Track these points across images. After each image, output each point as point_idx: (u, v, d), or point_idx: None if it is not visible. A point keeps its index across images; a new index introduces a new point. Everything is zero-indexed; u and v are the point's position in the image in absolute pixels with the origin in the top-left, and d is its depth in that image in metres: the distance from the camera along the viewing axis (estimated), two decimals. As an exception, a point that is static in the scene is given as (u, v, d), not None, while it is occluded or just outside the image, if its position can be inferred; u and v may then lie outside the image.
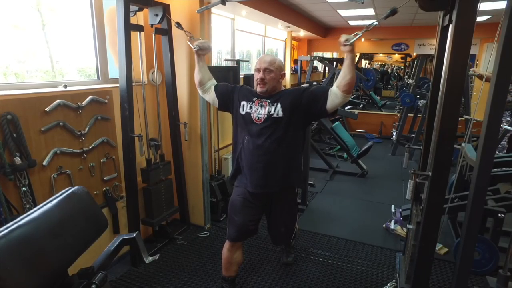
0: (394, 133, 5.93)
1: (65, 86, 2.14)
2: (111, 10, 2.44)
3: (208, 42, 2.02)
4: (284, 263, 2.56)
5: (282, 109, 1.84)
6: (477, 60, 6.57)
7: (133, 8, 2.43)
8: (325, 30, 7.29)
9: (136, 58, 2.51)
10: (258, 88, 1.88)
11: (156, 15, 2.56)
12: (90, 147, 2.27)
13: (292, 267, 2.54)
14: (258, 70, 1.87)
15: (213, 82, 2.09)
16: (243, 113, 1.91)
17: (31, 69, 2.24)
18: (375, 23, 1.65)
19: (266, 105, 1.87)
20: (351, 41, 1.61)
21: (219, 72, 3.00)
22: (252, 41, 5.86)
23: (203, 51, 2.00)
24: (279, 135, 1.84)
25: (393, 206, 3.35)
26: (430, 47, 6.89)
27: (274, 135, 1.84)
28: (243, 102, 1.93)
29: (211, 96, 2.06)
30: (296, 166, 1.98)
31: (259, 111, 1.87)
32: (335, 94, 1.75)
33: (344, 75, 1.70)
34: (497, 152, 3.66)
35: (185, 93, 2.88)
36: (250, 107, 1.90)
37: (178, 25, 2.23)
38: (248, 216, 2.00)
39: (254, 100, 1.91)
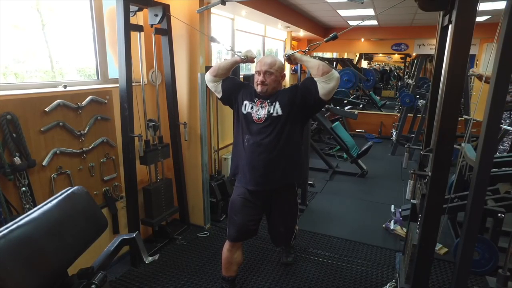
0: (394, 133, 5.93)
1: (65, 86, 2.14)
2: (110, 10, 2.44)
3: (252, 52, 2.09)
4: (284, 263, 2.56)
5: (281, 107, 1.87)
6: (477, 60, 6.57)
7: (133, 8, 2.43)
8: (325, 30, 7.29)
9: (136, 58, 2.51)
10: (258, 89, 1.91)
11: (156, 15, 2.56)
12: (90, 147, 2.27)
13: (292, 267, 2.54)
14: (258, 72, 1.90)
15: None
16: (245, 112, 1.94)
17: (30, 69, 2.24)
18: (317, 44, 2.07)
19: (266, 106, 1.90)
20: (287, 55, 1.97)
21: (219, 72, 2.99)
22: (252, 41, 5.85)
23: (246, 61, 2.08)
24: (278, 132, 1.87)
25: (392, 206, 3.35)
26: (429, 47, 6.89)
27: (274, 133, 1.87)
28: (246, 102, 1.95)
29: (217, 87, 2.06)
30: (296, 162, 1.99)
31: (260, 111, 1.90)
32: (318, 82, 1.82)
33: (311, 69, 1.86)
34: (498, 153, 3.66)
35: (185, 93, 2.88)
36: (252, 107, 1.92)
37: (213, 39, 2.32)
38: (248, 216, 2.01)
39: (255, 100, 1.94)
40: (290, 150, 1.92)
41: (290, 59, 1.98)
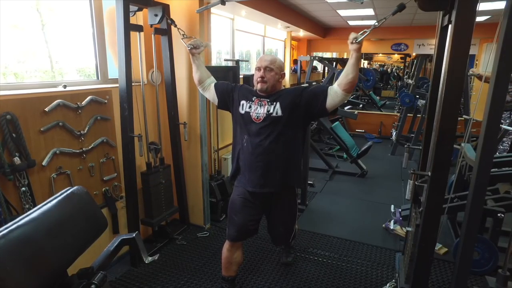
0: (394, 133, 5.93)
1: (65, 86, 2.14)
2: (110, 10, 2.44)
3: (200, 40, 2.01)
4: (283, 263, 2.56)
5: (281, 109, 1.84)
6: (477, 60, 6.58)
7: (132, 8, 2.43)
8: (325, 30, 7.30)
9: (135, 58, 2.51)
10: (258, 86, 1.88)
11: (156, 15, 2.55)
12: (90, 147, 2.27)
13: (291, 267, 2.54)
14: (258, 68, 1.88)
15: (212, 80, 2.09)
16: (243, 112, 1.91)
17: (30, 69, 2.23)
18: (383, 20, 1.63)
19: (265, 104, 1.87)
20: (359, 39, 1.60)
21: (218, 72, 3.00)
22: (252, 41, 5.86)
23: (197, 50, 2.00)
24: (278, 134, 1.84)
25: (392, 206, 3.35)
26: (429, 47, 6.90)
27: (273, 134, 1.84)
28: (243, 101, 1.93)
29: (211, 94, 2.06)
30: (295, 165, 1.97)
31: (258, 110, 1.87)
32: (335, 92, 1.75)
33: (346, 73, 1.69)
34: (497, 153, 3.66)
35: (185, 93, 2.88)
36: (250, 106, 1.90)
37: (172, 21, 2.24)
38: (248, 216, 2.00)
39: (253, 99, 1.91)
40: (290, 153, 1.90)
41: (359, 45, 1.62)
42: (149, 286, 2.31)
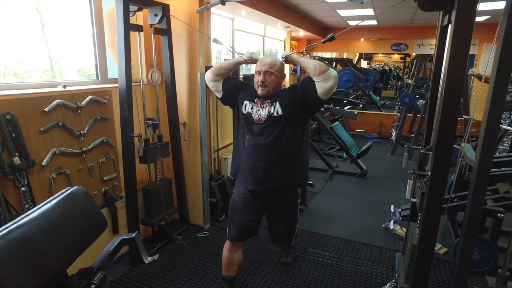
0: (394, 133, 5.93)
1: (65, 86, 2.14)
2: (110, 10, 2.44)
3: (255, 54, 2.08)
4: (283, 263, 2.56)
5: (281, 108, 1.86)
6: (476, 60, 6.58)
7: (132, 8, 2.43)
8: (325, 30, 7.29)
9: (135, 58, 2.50)
10: (259, 91, 1.91)
11: (156, 15, 2.56)
12: (90, 147, 2.27)
13: (291, 267, 2.54)
14: (258, 72, 1.89)
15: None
16: (245, 112, 1.93)
17: (30, 69, 2.23)
18: (314, 45, 2.09)
19: (266, 106, 1.90)
20: (284, 56, 2.01)
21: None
22: (252, 41, 5.85)
23: (249, 62, 2.06)
24: (279, 132, 1.87)
25: (392, 206, 3.36)
26: (429, 47, 6.89)
27: (274, 133, 1.87)
28: (246, 102, 1.95)
29: (217, 87, 2.05)
30: (297, 162, 2.00)
31: (260, 112, 1.89)
32: (316, 81, 1.82)
33: (308, 70, 1.87)
34: (497, 153, 3.66)
35: (185, 93, 2.88)
36: (252, 108, 1.92)
37: (217, 41, 2.30)
38: (248, 216, 2.01)
39: (256, 101, 1.93)
40: (290, 150, 1.92)
41: (287, 60, 2.01)
42: (149, 286, 2.31)
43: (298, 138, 1.98)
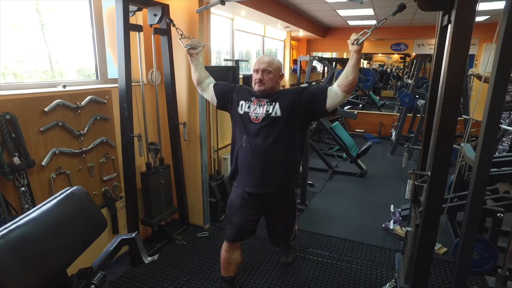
0: (393, 133, 5.93)
1: (64, 86, 2.14)
2: (110, 10, 2.44)
3: (198, 40, 2.01)
4: (283, 263, 2.56)
5: (280, 109, 1.83)
6: (476, 60, 6.58)
7: (132, 8, 2.43)
8: (324, 30, 7.30)
9: (135, 58, 2.50)
10: (256, 87, 1.88)
11: (155, 15, 2.55)
12: (89, 147, 2.27)
13: (291, 267, 2.54)
14: (256, 71, 1.87)
15: (211, 80, 2.09)
16: (242, 112, 1.91)
17: (30, 69, 2.23)
18: (383, 21, 1.63)
19: (264, 104, 1.87)
20: (360, 41, 1.60)
21: (218, 72, 3.00)
22: (251, 41, 5.86)
23: (195, 50, 2.00)
24: (277, 134, 1.84)
25: (392, 206, 3.36)
26: (429, 47, 6.90)
27: (272, 135, 1.84)
28: (242, 102, 1.93)
29: (210, 95, 2.06)
30: (294, 166, 1.97)
31: (257, 110, 1.87)
32: (335, 93, 1.76)
33: (347, 74, 1.70)
34: (497, 153, 3.67)
35: (184, 93, 2.88)
36: (249, 107, 1.90)
37: (170, 21, 2.24)
38: (246, 216, 2.00)
39: (252, 99, 1.91)
40: (288, 154, 1.89)
41: (360, 47, 1.64)
42: (149, 286, 2.31)
43: (297, 142, 1.94)
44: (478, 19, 5.37)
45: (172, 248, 2.78)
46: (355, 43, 1.61)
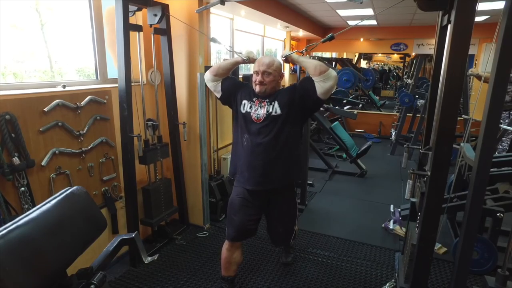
0: (393, 133, 5.93)
1: (64, 86, 2.13)
2: (110, 10, 2.44)
3: (253, 53, 2.10)
4: (283, 263, 2.56)
5: (280, 107, 1.87)
6: (476, 60, 6.58)
7: (132, 8, 2.43)
8: (324, 30, 7.29)
9: (135, 58, 2.50)
10: (257, 89, 1.91)
11: (155, 15, 2.55)
12: (89, 147, 2.27)
13: (291, 267, 2.54)
14: (256, 72, 1.90)
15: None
16: (244, 112, 1.94)
17: (29, 69, 2.23)
18: (314, 45, 2.12)
19: (265, 105, 1.90)
20: (284, 55, 2.02)
21: (218, 72, 2.99)
22: (251, 41, 5.85)
23: (247, 62, 2.07)
24: (277, 132, 1.87)
25: (392, 206, 3.36)
26: (429, 47, 6.90)
27: (273, 133, 1.87)
28: (244, 101, 1.95)
29: (216, 87, 2.06)
30: (295, 161, 1.99)
31: (259, 111, 1.89)
32: (316, 81, 1.83)
33: (308, 69, 1.86)
34: (497, 153, 3.67)
35: (184, 93, 2.88)
36: (250, 107, 1.92)
37: (214, 40, 2.32)
38: (247, 216, 2.01)
39: (254, 100, 1.93)
40: (289, 150, 1.92)
41: (287, 59, 2.02)
42: (149, 286, 2.31)
43: (297, 138, 1.98)
44: (478, 19, 5.37)
45: (172, 248, 2.78)
46: (282, 57, 2.03)
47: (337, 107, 5.88)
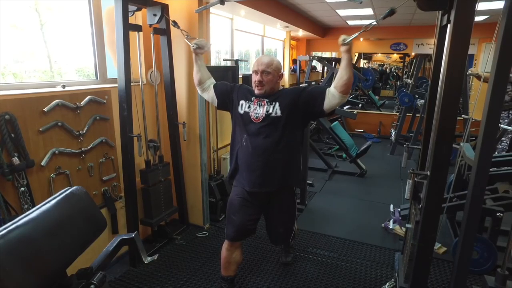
0: (393, 133, 5.94)
1: (64, 86, 2.13)
2: (109, 10, 2.43)
3: (205, 40, 2.04)
4: (283, 263, 2.56)
5: (280, 109, 1.84)
6: (475, 60, 6.59)
7: (131, 8, 2.43)
8: (324, 30, 7.29)
9: (134, 58, 2.50)
10: (256, 90, 1.90)
11: (155, 15, 2.55)
12: (89, 147, 2.26)
13: (291, 267, 2.54)
14: (255, 72, 1.88)
15: (212, 81, 2.10)
16: (242, 112, 1.92)
17: (29, 69, 2.23)
18: (373, 23, 1.68)
19: (264, 104, 1.88)
20: (348, 40, 1.66)
21: (217, 72, 2.99)
22: (251, 41, 5.86)
23: (201, 50, 2.02)
24: (277, 134, 1.85)
25: (391, 206, 3.36)
26: (428, 46, 6.91)
27: (272, 135, 1.85)
28: (242, 101, 1.94)
29: (210, 95, 2.06)
30: (294, 165, 1.98)
31: (258, 110, 1.88)
32: (332, 94, 1.77)
33: (341, 75, 1.73)
34: (496, 153, 3.67)
35: (184, 93, 2.88)
36: (249, 106, 1.91)
37: (175, 23, 2.23)
38: (246, 215, 2.01)
39: (252, 99, 1.91)
40: (289, 153, 1.91)
41: (349, 46, 1.70)
42: (149, 286, 2.31)
43: (297, 142, 1.96)
44: (478, 18, 5.38)
45: (171, 248, 2.78)
46: (343, 42, 1.67)
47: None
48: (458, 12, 1.34)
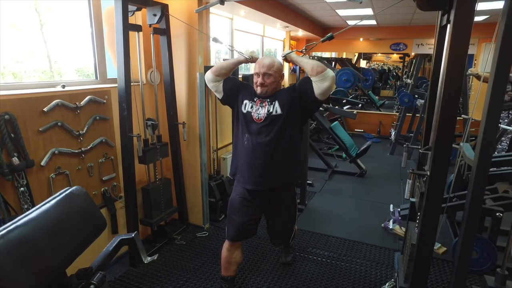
0: (393, 133, 5.94)
1: (63, 86, 2.13)
2: (109, 10, 2.43)
3: (255, 52, 2.10)
4: (283, 262, 2.57)
5: (280, 107, 1.88)
6: (475, 60, 6.59)
7: (131, 8, 2.43)
8: (324, 30, 7.29)
9: (134, 58, 2.50)
10: (258, 90, 1.92)
11: (155, 15, 2.55)
12: (89, 147, 2.26)
13: (291, 267, 2.54)
14: (257, 74, 1.91)
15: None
16: (245, 111, 1.94)
17: (29, 69, 2.23)
18: (315, 44, 2.12)
19: (265, 105, 1.91)
20: (284, 54, 2.04)
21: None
22: (251, 41, 5.85)
23: (250, 61, 2.07)
24: (278, 132, 1.87)
25: (391, 206, 3.36)
26: (428, 46, 6.90)
27: (273, 133, 1.88)
28: (246, 101, 1.96)
29: (218, 87, 2.05)
30: (295, 161, 2.00)
31: (260, 111, 1.90)
32: (313, 81, 1.83)
33: (306, 69, 1.88)
34: (496, 153, 3.67)
35: (184, 93, 2.88)
36: (251, 107, 1.93)
37: (216, 39, 2.31)
38: (247, 215, 2.01)
39: (255, 100, 1.95)
40: (289, 150, 1.93)
41: (287, 59, 2.05)
42: (148, 286, 2.31)
43: (297, 138, 1.99)
44: (477, 18, 5.38)
45: (171, 248, 2.78)
46: (282, 57, 2.06)
47: (336, 107, 5.89)
48: (458, 12, 1.34)
